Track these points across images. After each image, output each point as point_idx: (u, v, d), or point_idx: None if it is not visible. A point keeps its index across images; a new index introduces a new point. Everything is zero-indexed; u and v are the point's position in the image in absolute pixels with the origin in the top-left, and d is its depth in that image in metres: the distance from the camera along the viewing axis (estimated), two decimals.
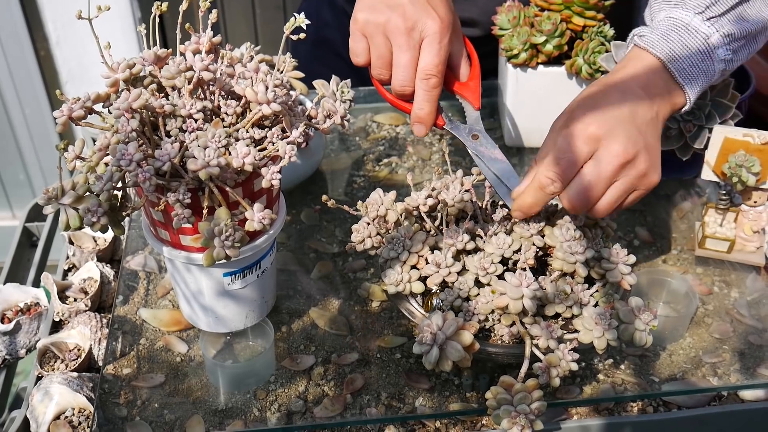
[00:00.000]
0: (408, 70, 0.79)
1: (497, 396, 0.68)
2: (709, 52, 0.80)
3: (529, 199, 0.75)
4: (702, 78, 0.80)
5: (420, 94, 0.80)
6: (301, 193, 1.04)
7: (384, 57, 0.80)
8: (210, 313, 0.80)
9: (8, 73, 2.14)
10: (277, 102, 0.67)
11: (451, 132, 0.83)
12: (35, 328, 0.87)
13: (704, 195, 1.04)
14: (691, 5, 0.81)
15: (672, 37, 0.80)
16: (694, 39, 0.79)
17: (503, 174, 0.81)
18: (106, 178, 0.64)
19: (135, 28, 2.00)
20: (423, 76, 0.79)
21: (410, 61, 0.78)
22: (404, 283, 0.77)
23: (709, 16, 0.80)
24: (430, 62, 0.78)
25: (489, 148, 0.82)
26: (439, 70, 0.79)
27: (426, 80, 0.79)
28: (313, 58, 1.29)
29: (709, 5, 0.80)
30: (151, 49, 0.72)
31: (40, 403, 0.77)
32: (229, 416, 0.77)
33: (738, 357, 0.83)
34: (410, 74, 0.79)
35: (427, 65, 0.78)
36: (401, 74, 0.79)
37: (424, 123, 0.81)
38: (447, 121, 0.83)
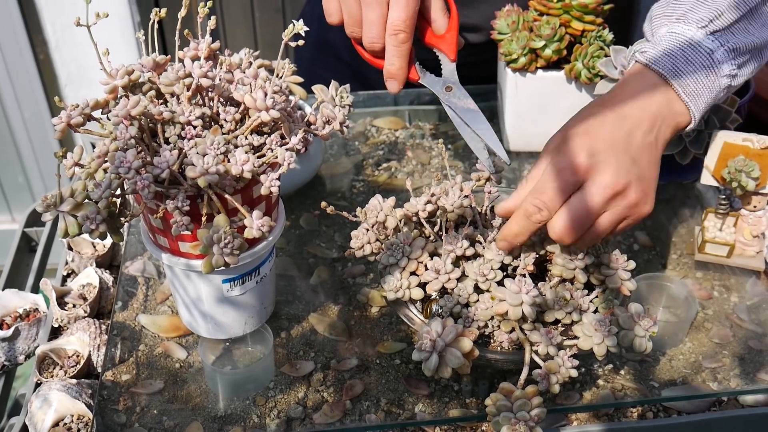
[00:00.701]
0: (376, 27, 0.77)
1: (497, 402, 0.68)
2: (713, 68, 0.78)
3: (514, 227, 0.73)
4: (707, 95, 0.78)
5: (390, 50, 0.78)
6: (300, 198, 1.04)
7: (354, 15, 0.78)
8: (209, 319, 0.79)
9: (7, 76, 2.14)
10: (276, 108, 0.67)
11: (425, 86, 0.81)
12: (34, 335, 0.87)
13: (704, 199, 1.04)
14: (693, 19, 0.79)
15: (675, 53, 0.77)
16: (698, 54, 0.77)
17: (476, 126, 0.79)
18: (105, 185, 0.64)
19: (134, 33, 2.00)
20: (391, 32, 0.77)
21: (378, 18, 0.77)
22: (403, 290, 0.77)
23: (713, 30, 0.78)
24: (398, 17, 0.76)
25: (462, 98, 0.80)
26: (407, 24, 0.77)
27: (395, 35, 0.77)
28: (315, 61, 1.29)
29: (712, 19, 0.78)
30: (149, 56, 0.72)
31: (39, 410, 0.77)
32: (228, 423, 0.77)
33: (738, 362, 0.83)
34: (379, 31, 0.77)
35: (395, 20, 0.77)
36: (370, 31, 0.78)
37: (395, 78, 0.80)
38: (421, 75, 0.81)
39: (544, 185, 0.71)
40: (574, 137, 0.72)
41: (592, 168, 0.70)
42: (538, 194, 0.71)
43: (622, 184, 0.70)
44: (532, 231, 0.73)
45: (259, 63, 0.92)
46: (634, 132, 0.73)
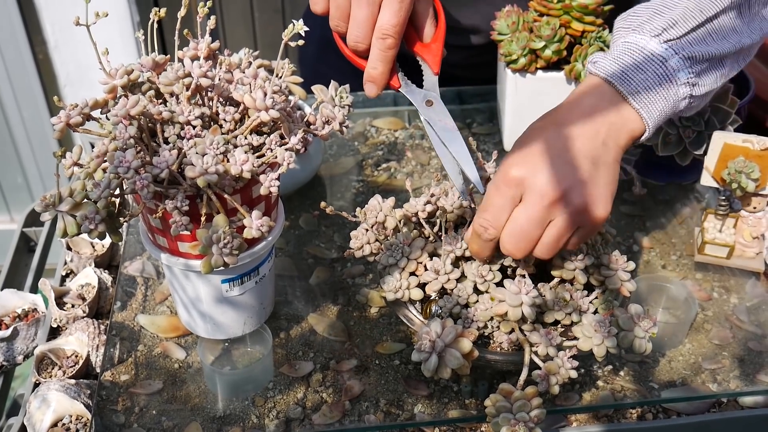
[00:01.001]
0: (364, 27, 0.75)
1: (496, 403, 0.68)
2: (669, 76, 0.75)
3: (474, 246, 0.74)
4: (661, 103, 0.75)
5: (375, 53, 0.76)
6: (299, 198, 1.04)
7: (342, 8, 0.76)
8: (208, 319, 0.79)
9: (6, 76, 2.14)
10: (275, 108, 0.67)
11: (405, 95, 0.80)
12: (33, 335, 0.87)
13: (703, 201, 1.04)
14: (647, 29, 0.77)
15: (624, 60, 0.76)
16: (650, 62, 0.75)
17: (453, 148, 0.77)
18: (104, 185, 0.64)
19: (134, 33, 2.00)
20: (379, 35, 0.75)
21: (367, 18, 0.75)
22: (403, 290, 0.77)
23: (667, 39, 0.76)
24: (388, 21, 0.74)
25: (441, 116, 0.79)
26: (396, 30, 0.75)
27: (382, 39, 0.75)
28: (319, 60, 1.29)
29: (666, 28, 0.77)
30: (149, 55, 0.72)
31: (38, 410, 0.77)
32: (227, 423, 0.77)
33: (737, 363, 0.83)
34: (366, 31, 0.76)
35: (385, 24, 0.75)
36: (356, 30, 0.76)
37: (376, 83, 0.78)
38: (403, 84, 0.80)
39: (486, 203, 0.71)
40: (512, 152, 0.72)
41: (527, 178, 0.69)
42: (482, 213, 0.72)
43: (560, 190, 0.69)
44: (490, 248, 0.74)
45: (259, 63, 0.92)
46: (574, 139, 0.71)
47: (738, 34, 0.80)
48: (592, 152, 0.71)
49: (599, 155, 0.72)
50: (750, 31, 0.81)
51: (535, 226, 0.70)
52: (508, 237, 0.71)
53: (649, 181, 1.06)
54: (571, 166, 0.70)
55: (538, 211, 0.69)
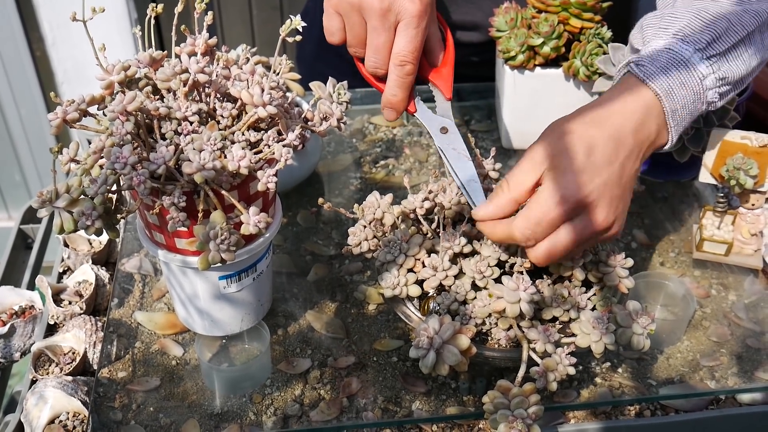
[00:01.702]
0: (381, 54, 0.76)
1: (494, 400, 0.68)
2: (701, 94, 0.75)
3: (499, 236, 0.72)
4: (688, 119, 0.76)
5: (393, 80, 0.77)
6: (297, 195, 1.04)
7: (359, 36, 0.77)
8: (205, 316, 0.79)
9: (4, 73, 2.13)
10: (272, 104, 0.67)
11: (419, 120, 0.81)
12: (30, 332, 0.87)
13: (702, 197, 1.04)
14: (692, 39, 0.75)
15: (672, 73, 0.74)
16: (692, 78, 0.74)
17: (464, 176, 0.77)
18: (101, 181, 0.64)
19: (131, 29, 1.99)
20: (397, 62, 0.76)
21: (384, 45, 0.76)
22: (401, 287, 0.77)
23: (710, 55, 0.75)
24: (405, 48, 0.75)
25: (456, 145, 0.79)
26: (414, 56, 0.76)
27: (401, 66, 0.76)
28: (317, 59, 1.29)
29: (710, 42, 0.75)
30: (146, 51, 0.71)
31: (35, 407, 0.77)
32: (224, 420, 0.77)
33: (736, 360, 0.83)
34: (384, 58, 0.77)
35: (402, 51, 0.76)
36: (374, 57, 0.77)
37: (395, 109, 0.79)
38: (419, 109, 0.80)
39: (539, 217, 0.69)
40: (573, 165, 0.69)
41: (590, 205, 0.69)
42: (532, 225, 0.69)
43: (611, 221, 0.71)
44: (511, 243, 0.74)
45: (257, 59, 0.92)
46: (626, 162, 0.72)
47: (764, 49, 0.79)
48: (633, 176, 0.73)
49: (635, 178, 0.74)
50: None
51: (573, 247, 0.71)
52: (544, 252, 0.70)
53: (647, 178, 1.06)
54: (623, 193, 0.72)
55: (585, 238, 0.70)
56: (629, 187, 0.73)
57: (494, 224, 0.72)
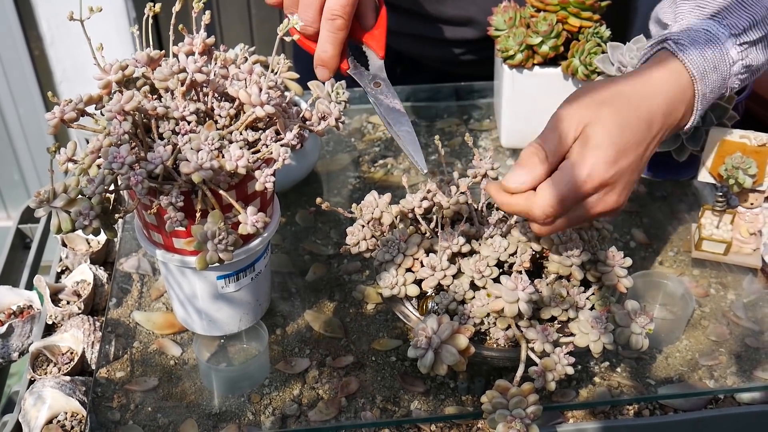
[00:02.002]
0: (312, 9, 0.74)
1: (493, 400, 0.68)
2: (726, 80, 0.75)
3: (514, 207, 0.70)
4: (710, 101, 0.76)
5: (324, 36, 0.75)
6: (296, 194, 1.04)
7: None
8: (204, 316, 0.79)
9: (2, 72, 2.13)
10: (270, 104, 0.67)
11: (353, 77, 0.79)
12: (28, 331, 0.86)
13: (701, 197, 1.04)
14: (729, 23, 0.75)
15: (707, 55, 0.73)
16: (723, 63, 0.74)
17: (399, 128, 0.76)
18: (98, 181, 0.63)
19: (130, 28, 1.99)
20: (329, 16, 0.74)
21: (315, 1, 0.74)
22: (399, 286, 0.77)
23: (743, 41, 0.75)
24: (337, 2, 0.73)
25: (389, 97, 0.78)
26: (346, 11, 0.74)
27: (331, 20, 0.74)
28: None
29: (747, 28, 0.74)
30: (144, 51, 0.71)
31: (33, 407, 0.77)
32: (223, 420, 0.77)
33: (735, 359, 0.83)
34: (314, 13, 0.75)
35: (333, 5, 0.74)
36: (305, 13, 0.75)
37: (327, 66, 0.77)
38: (351, 66, 0.79)
39: (567, 194, 0.68)
40: (605, 143, 0.69)
41: (607, 185, 0.69)
42: (557, 202, 0.68)
43: (620, 204, 0.71)
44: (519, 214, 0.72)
45: (255, 59, 0.91)
46: (650, 146, 0.72)
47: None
48: (649, 157, 0.73)
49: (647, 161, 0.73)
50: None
51: (578, 223, 0.71)
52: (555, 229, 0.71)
53: (646, 177, 1.05)
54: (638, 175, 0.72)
55: (591, 216, 0.70)
56: (641, 170, 0.73)
57: (513, 200, 0.70)
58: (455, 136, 1.15)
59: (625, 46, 0.94)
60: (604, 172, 0.68)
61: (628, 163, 0.70)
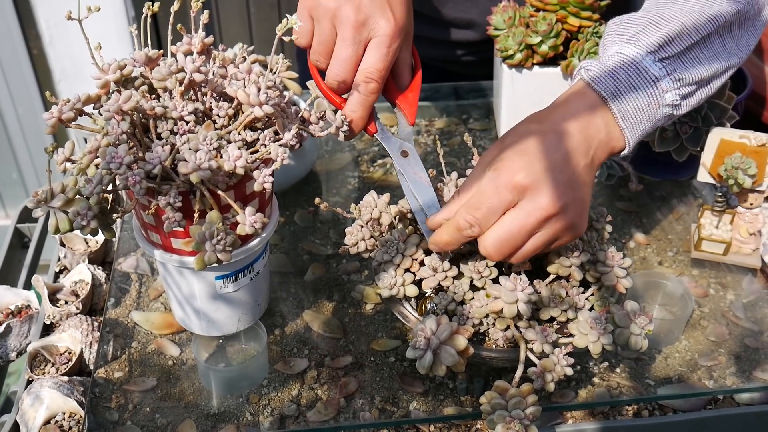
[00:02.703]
0: (346, 66, 0.74)
1: (492, 401, 0.68)
2: (656, 97, 0.75)
3: (445, 236, 0.72)
4: (645, 122, 0.75)
5: (356, 96, 0.75)
6: (294, 194, 1.04)
7: (326, 44, 0.75)
8: (202, 316, 0.79)
9: (1, 71, 2.13)
10: (269, 104, 0.67)
11: (380, 141, 0.79)
12: (26, 331, 0.86)
13: (700, 197, 1.04)
14: (644, 43, 0.75)
15: (620, 76, 0.74)
16: (643, 80, 0.74)
17: (424, 201, 0.76)
18: (96, 180, 0.63)
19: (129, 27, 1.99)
20: (363, 79, 0.74)
21: (351, 57, 0.74)
22: (398, 287, 0.77)
23: (663, 57, 0.75)
24: (374, 66, 0.73)
25: (417, 170, 0.78)
26: (381, 76, 0.74)
27: (365, 83, 0.74)
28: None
29: (662, 45, 0.75)
30: (142, 50, 0.71)
31: (31, 408, 0.76)
32: (221, 420, 0.77)
33: (734, 360, 0.83)
34: (348, 71, 0.74)
35: (370, 68, 0.73)
36: (338, 68, 0.74)
37: (354, 123, 0.76)
38: (379, 130, 0.78)
39: (480, 201, 0.69)
40: (512, 155, 0.70)
41: (530, 188, 0.68)
42: (472, 210, 0.69)
43: (559, 206, 0.69)
44: (463, 242, 0.72)
45: (254, 58, 0.91)
46: (572, 154, 0.71)
47: (728, 52, 0.79)
48: (584, 170, 0.71)
49: (587, 173, 0.72)
50: (738, 49, 0.80)
51: (524, 235, 0.69)
52: (492, 240, 0.70)
53: (645, 177, 1.05)
54: (571, 182, 0.70)
55: (531, 223, 0.69)
56: (581, 182, 0.71)
57: (440, 229, 0.73)
58: (454, 136, 1.15)
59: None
60: (513, 176, 0.68)
61: (542, 166, 0.69)
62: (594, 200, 0.99)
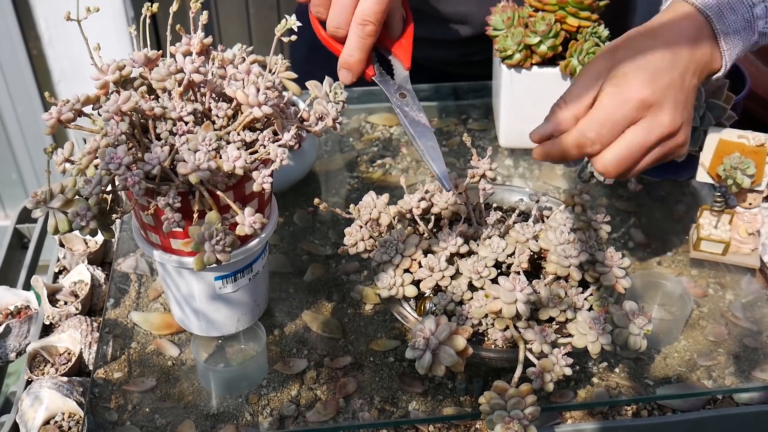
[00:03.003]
0: (345, 12, 0.75)
1: (491, 401, 0.68)
2: (751, 22, 0.75)
3: (557, 151, 0.73)
4: (740, 47, 0.76)
5: (353, 40, 0.75)
6: (294, 194, 1.04)
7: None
8: (201, 316, 0.79)
9: (0, 72, 2.13)
10: (268, 104, 0.67)
11: (378, 84, 0.79)
12: (25, 332, 0.86)
13: (699, 197, 1.04)
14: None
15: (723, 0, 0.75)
16: (742, 5, 0.75)
17: (421, 138, 0.76)
18: (95, 181, 0.63)
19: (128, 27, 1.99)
20: (360, 21, 0.74)
21: (349, 3, 0.74)
22: (397, 287, 0.77)
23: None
24: (370, 8, 0.74)
25: (415, 109, 0.78)
26: (377, 18, 0.74)
27: (362, 26, 0.74)
28: (309, 61, 1.28)
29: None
30: (141, 51, 0.71)
31: (30, 408, 0.76)
32: (220, 421, 0.77)
33: (733, 360, 0.83)
34: (346, 16, 0.75)
35: (366, 10, 0.74)
36: (337, 14, 0.75)
37: (351, 70, 0.77)
38: (377, 73, 0.79)
39: (603, 116, 0.70)
40: (633, 70, 0.71)
41: (654, 105, 0.70)
42: (596, 126, 0.70)
43: (678, 125, 0.71)
44: (572, 157, 0.73)
45: (253, 59, 0.91)
46: (685, 74, 0.72)
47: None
48: (693, 89, 0.74)
49: (695, 92, 0.74)
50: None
51: (643, 152, 0.71)
52: (612, 157, 0.71)
53: (644, 177, 1.05)
54: (686, 101, 0.72)
55: (652, 141, 0.70)
56: (691, 101, 0.73)
57: (551, 143, 0.73)
58: (453, 136, 1.15)
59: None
60: (639, 91, 0.70)
61: (665, 83, 0.70)
62: (593, 200, 0.99)
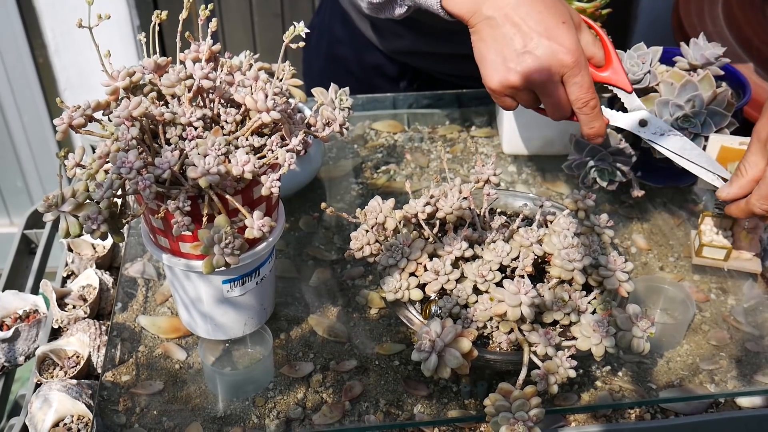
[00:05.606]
0: (564, 107, 0.79)
1: (495, 403, 0.68)
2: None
3: (738, 213, 0.81)
4: None
5: (585, 118, 0.79)
6: (299, 200, 1.05)
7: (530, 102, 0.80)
8: (209, 320, 0.80)
9: (6, 80, 2.14)
10: (276, 110, 0.68)
11: (617, 126, 0.82)
12: (34, 336, 0.87)
13: (701, 203, 1.04)
14: None
15: None
16: None
17: (682, 150, 0.81)
18: (106, 185, 0.64)
19: (133, 36, 2.00)
20: (580, 105, 0.78)
21: (560, 101, 0.78)
22: (403, 291, 0.77)
23: None
24: (580, 93, 0.77)
25: (663, 127, 0.81)
26: (591, 93, 0.78)
27: (585, 107, 0.78)
28: (324, 74, 1.29)
29: None
30: (150, 58, 0.72)
31: (39, 411, 0.77)
32: (227, 423, 0.77)
33: (735, 364, 0.83)
34: (567, 109, 0.79)
35: (579, 97, 0.77)
36: (558, 113, 0.79)
37: (600, 135, 0.81)
38: (610, 118, 0.82)
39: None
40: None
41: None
42: (764, 198, 0.78)
43: None
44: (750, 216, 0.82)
45: (259, 66, 0.92)
46: None
47: None
48: None
49: None
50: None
51: None
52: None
53: (646, 183, 1.06)
54: None
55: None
56: None
57: (736, 204, 0.82)
58: (457, 143, 1.16)
59: (626, 54, 0.95)
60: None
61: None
62: (596, 206, 1.00)
